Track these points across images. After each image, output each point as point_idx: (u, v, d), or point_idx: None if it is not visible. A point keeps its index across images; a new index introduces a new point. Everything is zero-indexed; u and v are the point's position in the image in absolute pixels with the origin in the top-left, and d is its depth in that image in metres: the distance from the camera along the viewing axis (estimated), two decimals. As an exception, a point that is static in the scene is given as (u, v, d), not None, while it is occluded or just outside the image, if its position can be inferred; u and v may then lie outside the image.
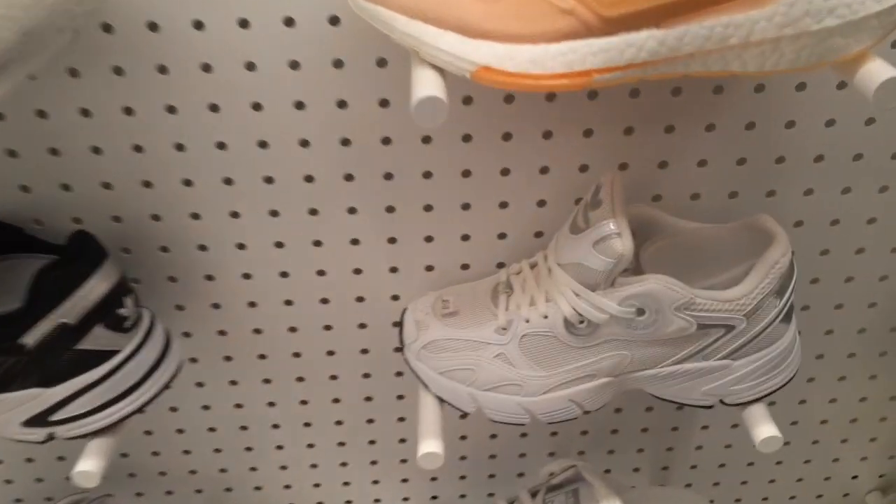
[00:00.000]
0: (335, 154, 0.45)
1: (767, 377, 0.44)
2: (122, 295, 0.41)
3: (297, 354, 0.54)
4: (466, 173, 0.46)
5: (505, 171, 0.46)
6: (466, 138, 0.44)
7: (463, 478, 0.64)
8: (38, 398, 0.39)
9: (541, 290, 0.43)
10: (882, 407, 0.61)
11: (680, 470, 0.65)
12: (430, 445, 0.43)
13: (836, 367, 0.58)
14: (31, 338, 0.37)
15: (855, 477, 0.67)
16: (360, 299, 0.51)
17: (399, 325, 0.47)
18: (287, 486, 0.63)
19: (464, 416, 0.58)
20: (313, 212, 0.47)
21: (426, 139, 0.44)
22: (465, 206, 0.47)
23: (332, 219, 0.47)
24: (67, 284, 0.38)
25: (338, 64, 0.41)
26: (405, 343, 0.47)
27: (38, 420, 0.40)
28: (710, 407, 0.45)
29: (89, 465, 0.40)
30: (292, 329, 0.52)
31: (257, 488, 0.63)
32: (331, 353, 0.54)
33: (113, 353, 0.40)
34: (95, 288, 0.39)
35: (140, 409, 0.42)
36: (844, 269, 0.52)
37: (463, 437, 0.60)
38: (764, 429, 0.43)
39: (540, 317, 0.42)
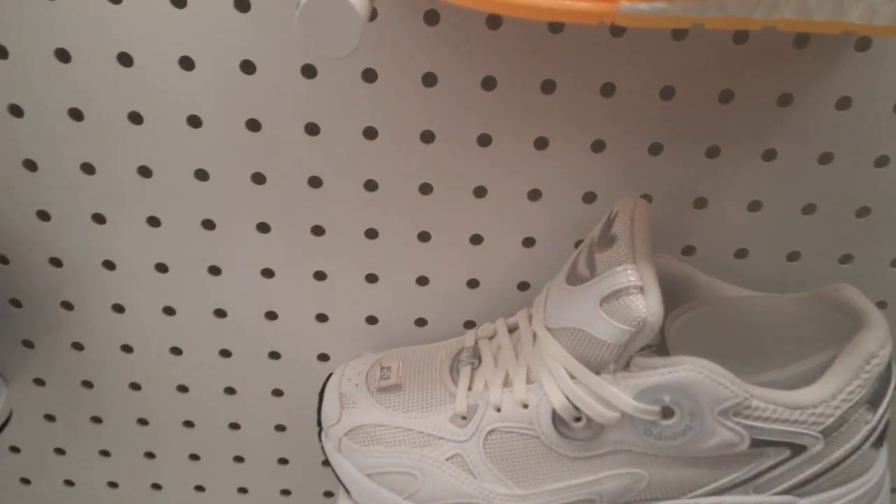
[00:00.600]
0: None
1: (846, 524, 0.30)
2: None
3: (188, 423, 0.40)
4: (426, 189, 0.33)
5: (480, 191, 0.33)
6: (427, 137, 0.32)
7: None
8: None
9: (520, 365, 0.30)
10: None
11: None
12: None
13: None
14: None
15: None
16: (274, 356, 0.37)
17: (320, 396, 0.34)
18: None
19: None
20: (208, 224, 0.34)
21: (369, 133, 0.32)
22: (424, 236, 0.34)
23: (236, 239, 0.34)
24: None
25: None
26: (323, 425, 0.33)
27: None
28: (757, 561, 0.31)
29: None
30: (181, 388, 0.38)
31: None
32: (234, 425, 0.40)
33: None
34: None
35: None
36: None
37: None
38: None
39: (517, 405, 0.29)
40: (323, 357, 0.37)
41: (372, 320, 0.36)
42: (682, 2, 0.18)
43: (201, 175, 0.33)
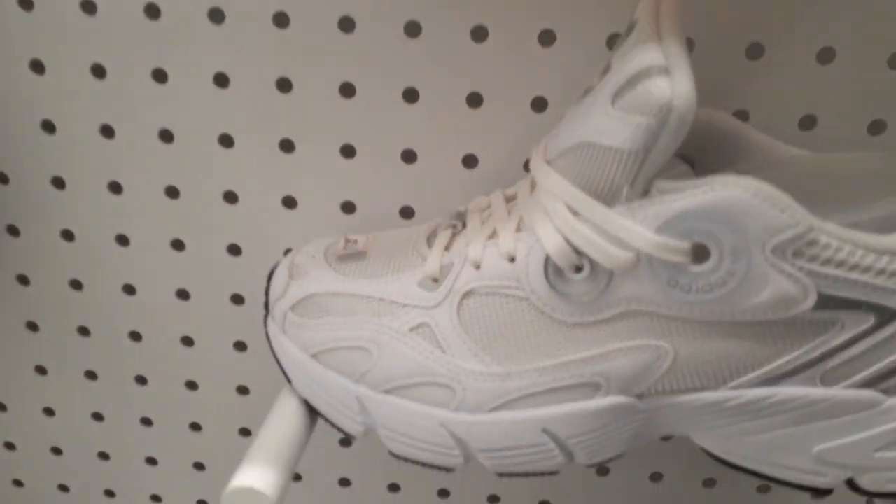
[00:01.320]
0: None
1: (954, 445, 0.22)
2: None
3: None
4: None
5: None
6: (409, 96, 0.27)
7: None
8: None
9: (512, 218, 0.23)
10: None
11: None
12: (250, 477, 0.22)
13: None
14: None
15: None
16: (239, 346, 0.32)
17: (269, 276, 0.28)
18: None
19: (347, 441, 0.36)
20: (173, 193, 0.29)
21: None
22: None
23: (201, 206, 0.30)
24: None
25: None
26: (269, 305, 0.27)
27: None
28: (826, 492, 0.23)
29: None
30: (140, 380, 0.33)
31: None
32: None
33: None
34: None
35: None
36: None
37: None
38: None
39: (502, 258, 0.22)
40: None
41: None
42: None
43: (166, 136, 0.29)
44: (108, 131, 0.30)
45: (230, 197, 0.31)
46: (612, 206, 0.20)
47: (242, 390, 0.35)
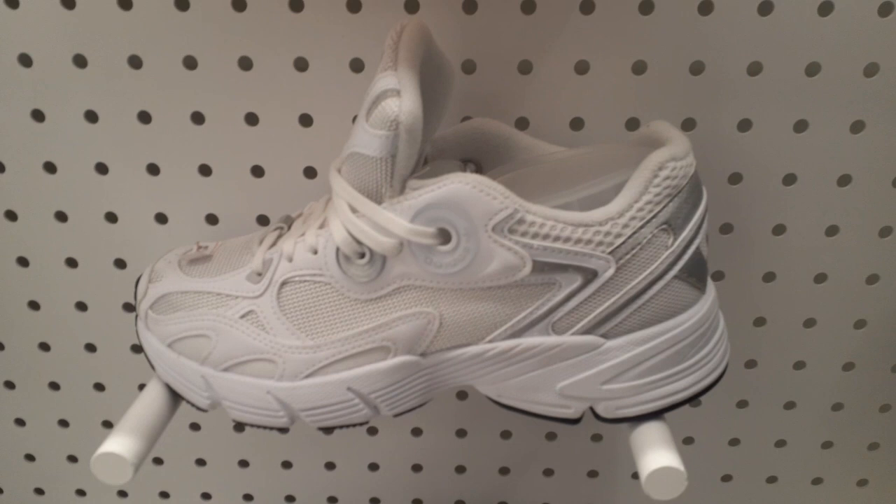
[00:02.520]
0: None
1: (666, 374, 0.27)
2: None
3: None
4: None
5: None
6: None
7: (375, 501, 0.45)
8: None
9: (319, 219, 0.29)
10: None
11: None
12: (114, 444, 0.27)
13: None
14: None
15: None
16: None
17: (136, 284, 0.33)
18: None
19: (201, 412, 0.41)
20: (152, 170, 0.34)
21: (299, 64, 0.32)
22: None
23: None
24: None
25: None
26: (137, 306, 0.32)
27: None
28: (575, 420, 0.28)
29: None
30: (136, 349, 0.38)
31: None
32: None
33: None
34: None
35: None
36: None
37: (371, 431, 0.43)
38: (656, 457, 0.26)
39: (307, 251, 0.28)
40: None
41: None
42: None
43: (144, 117, 0.34)
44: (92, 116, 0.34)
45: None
46: (380, 202, 0.26)
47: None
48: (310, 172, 0.35)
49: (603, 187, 0.27)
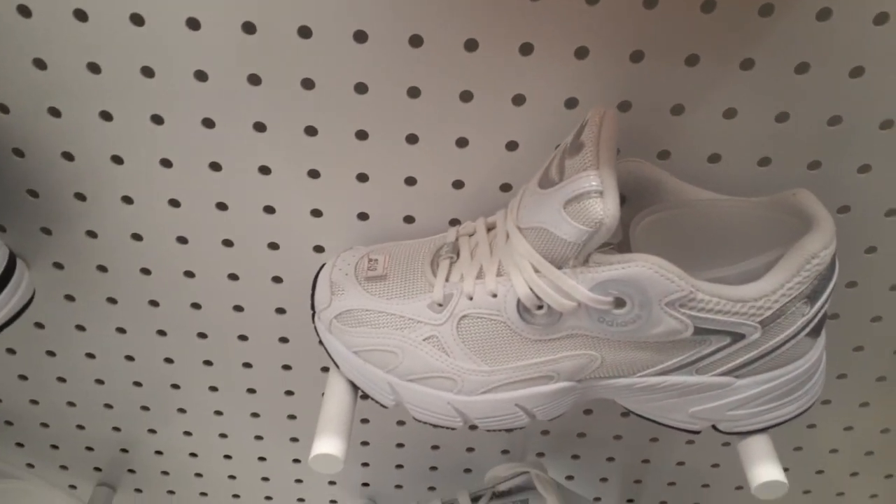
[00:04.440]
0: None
1: (778, 404, 0.33)
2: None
3: (196, 305, 0.44)
4: (414, 92, 0.34)
5: (466, 96, 0.35)
6: (416, 41, 0.33)
7: (399, 467, 0.54)
8: None
9: (493, 260, 0.32)
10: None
11: (655, 485, 0.55)
12: (325, 446, 0.33)
13: (859, 391, 0.47)
14: None
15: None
16: (273, 246, 0.40)
17: (313, 284, 0.37)
18: (193, 454, 0.54)
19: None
20: (208, 123, 0.36)
21: (359, 36, 0.33)
22: (412, 139, 0.36)
23: (235, 137, 0.36)
24: None
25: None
26: (316, 309, 0.36)
27: None
28: (697, 432, 0.35)
29: None
30: (188, 273, 0.42)
31: (158, 452, 0.54)
32: (238, 308, 0.44)
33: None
34: None
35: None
36: (891, 274, 0.41)
37: (400, 423, 0.51)
38: (765, 470, 0.33)
39: (487, 294, 0.32)
40: (318, 248, 0.40)
41: (363, 216, 0.39)
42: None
43: (201, 76, 0.34)
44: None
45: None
46: (562, 268, 0.30)
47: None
48: (458, 184, 0.38)
49: (756, 264, 0.31)
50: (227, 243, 0.40)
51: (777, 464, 0.33)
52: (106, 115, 0.36)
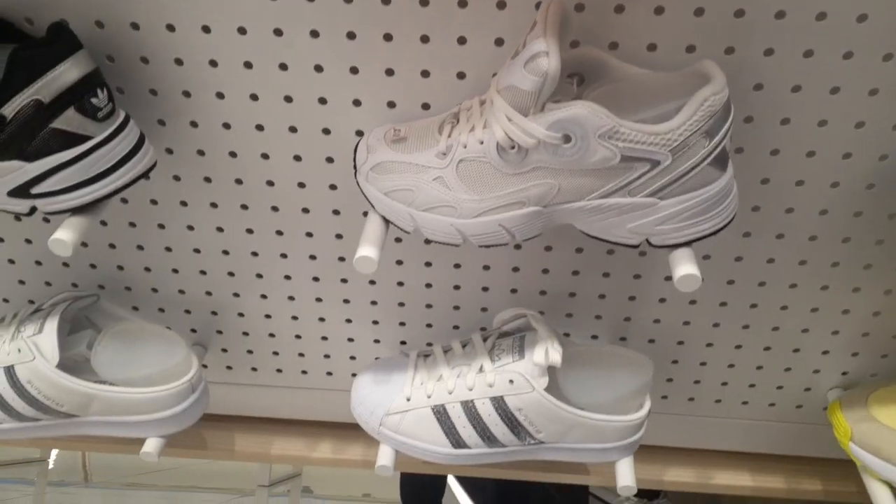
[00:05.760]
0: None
1: (695, 221, 0.45)
2: (95, 86, 0.45)
3: (270, 183, 0.58)
4: (424, 2, 0.47)
5: (462, 3, 0.47)
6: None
7: (429, 325, 0.67)
8: (20, 171, 0.45)
9: (481, 119, 0.45)
10: (843, 299, 0.61)
11: (637, 342, 0.67)
12: (366, 251, 0.46)
13: (796, 251, 0.58)
14: (8, 109, 0.42)
15: (816, 371, 0.68)
16: (325, 132, 0.54)
17: (355, 149, 0.50)
18: (267, 316, 0.68)
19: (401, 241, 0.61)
20: (277, 32, 0.49)
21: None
22: (424, 38, 0.49)
23: (296, 41, 0.49)
24: (42, 64, 0.42)
25: None
26: (357, 166, 0.50)
27: (21, 191, 0.46)
28: (635, 246, 0.47)
29: (64, 235, 0.46)
30: (264, 156, 0.56)
31: (240, 314, 0.69)
32: (301, 184, 0.57)
33: (86, 137, 0.45)
34: (68, 71, 0.43)
35: (111, 195, 0.47)
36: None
37: (428, 286, 0.64)
38: (685, 268, 0.45)
39: (476, 142, 0.44)
40: (359, 133, 0.54)
41: (391, 105, 0.52)
42: None
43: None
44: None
45: None
46: (526, 116, 0.42)
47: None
48: (461, 76, 0.50)
49: (668, 108, 0.42)
50: (293, 129, 0.54)
51: (695, 265, 0.45)
52: (206, 28, 0.50)
